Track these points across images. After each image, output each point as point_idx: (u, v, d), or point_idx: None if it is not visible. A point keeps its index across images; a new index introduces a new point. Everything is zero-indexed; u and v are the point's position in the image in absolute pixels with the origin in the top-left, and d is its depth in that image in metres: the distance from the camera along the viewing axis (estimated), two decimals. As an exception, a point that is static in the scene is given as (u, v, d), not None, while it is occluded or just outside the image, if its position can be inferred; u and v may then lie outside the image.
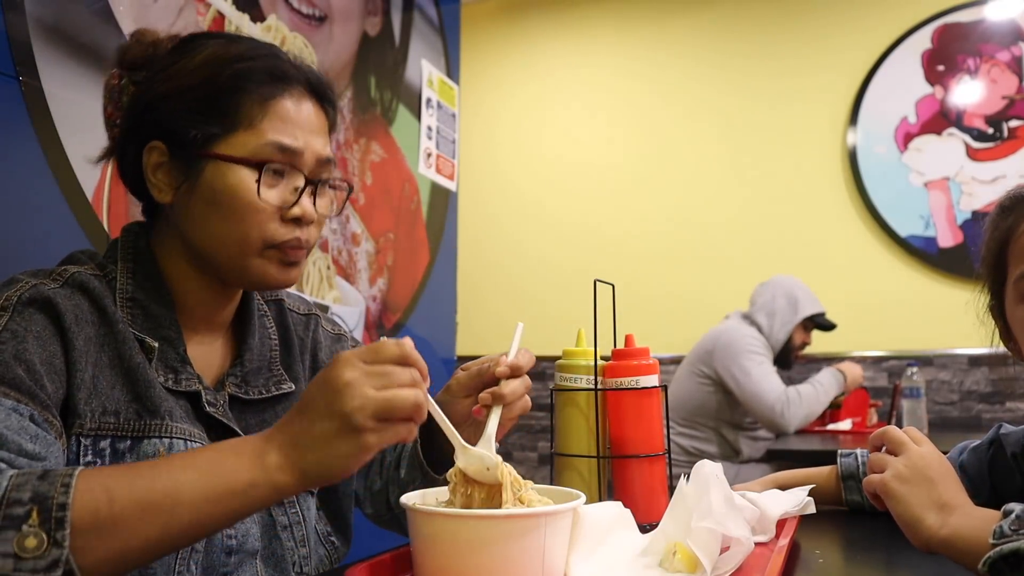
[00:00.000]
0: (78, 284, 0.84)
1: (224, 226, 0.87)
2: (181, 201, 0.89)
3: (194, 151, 0.87)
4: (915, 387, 2.91)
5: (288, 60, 0.92)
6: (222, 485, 0.67)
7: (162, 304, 0.89)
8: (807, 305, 2.97)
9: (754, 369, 2.82)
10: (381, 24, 2.25)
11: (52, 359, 0.78)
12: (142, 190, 0.92)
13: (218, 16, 1.68)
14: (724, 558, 0.76)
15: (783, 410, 2.74)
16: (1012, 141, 3.53)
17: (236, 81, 0.87)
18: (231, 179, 0.86)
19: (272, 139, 0.86)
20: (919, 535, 0.72)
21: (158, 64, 0.91)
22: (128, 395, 0.83)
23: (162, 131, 0.88)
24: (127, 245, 0.92)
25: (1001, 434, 1.05)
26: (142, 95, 0.90)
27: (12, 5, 1.22)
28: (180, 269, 0.92)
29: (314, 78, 0.93)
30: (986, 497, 1.03)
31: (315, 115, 0.92)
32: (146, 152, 0.89)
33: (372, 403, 0.67)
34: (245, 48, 0.90)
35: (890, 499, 0.76)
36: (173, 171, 0.89)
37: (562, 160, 4.24)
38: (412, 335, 2.31)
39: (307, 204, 0.89)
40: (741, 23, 3.98)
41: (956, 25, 3.64)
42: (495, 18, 4.39)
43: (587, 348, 1.02)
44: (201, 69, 0.88)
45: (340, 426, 0.67)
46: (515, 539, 0.70)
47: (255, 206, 0.86)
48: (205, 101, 0.87)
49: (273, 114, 0.87)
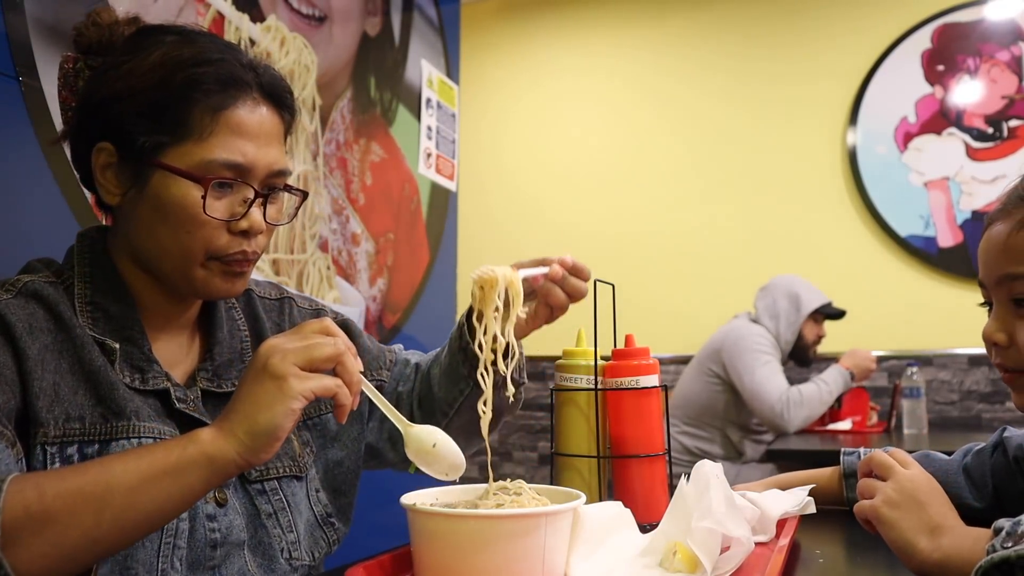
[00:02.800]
0: (31, 293, 0.84)
1: (169, 236, 0.86)
2: (128, 205, 0.88)
3: (142, 158, 0.85)
4: (915, 387, 2.91)
5: (243, 63, 0.89)
6: (155, 465, 0.69)
7: (123, 305, 0.88)
8: (809, 300, 2.95)
9: (759, 368, 2.82)
10: (381, 24, 2.25)
11: (2, 369, 0.77)
12: (92, 184, 0.91)
13: (218, 16, 1.67)
14: (724, 558, 0.76)
15: (783, 410, 2.73)
16: (1012, 141, 3.53)
17: (187, 89, 0.85)
18: (177, 191, 0.84)
19: (221, 156, 0.84)
20: (912, 560, 0.72)
21: (113, 53, 0.89)
22: (92, 399, 0.82)
23: (111, 133, 0.87)
24: (83, 250, 0.91)
25: (1005, 437, 1.05)
26: (93, 89, 0.88)
27: (12, 5, 1.22)
28: (136, 272, 0.91)
29: (269, 83, 0.90)
30: (989, 501, 1.03)
31: (269, 123, 0.89)
32: (95, 152, 0.88)
33: (292, 353, 0.72)
34: (199, 50, 0.87)
35: (881, 525, 0.76)
36: (121, 175, 0.87)
37: (562, 160, 4.24)
38: (412, 335, 2.31)
39: (256, 216, 0.88)
40: (741, 24, 3.98)
41: (956, 25, 3.64)
42: (495, 18, 4.39)
43: (587, 348, 1.02)
44: (153, 72, 0.85)
45: (263, 381, 0.71)
46: (515, 539, 0.70)
47: (200, 220, 0.85)
48: (155, 107, 0.85)
49: (224, 126, 0.85)
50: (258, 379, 0.72)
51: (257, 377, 0.72)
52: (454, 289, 2.64)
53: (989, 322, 0.87)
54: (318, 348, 0.73)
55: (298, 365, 0.72)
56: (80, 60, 0.91)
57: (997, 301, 0.86)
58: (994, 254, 0.85)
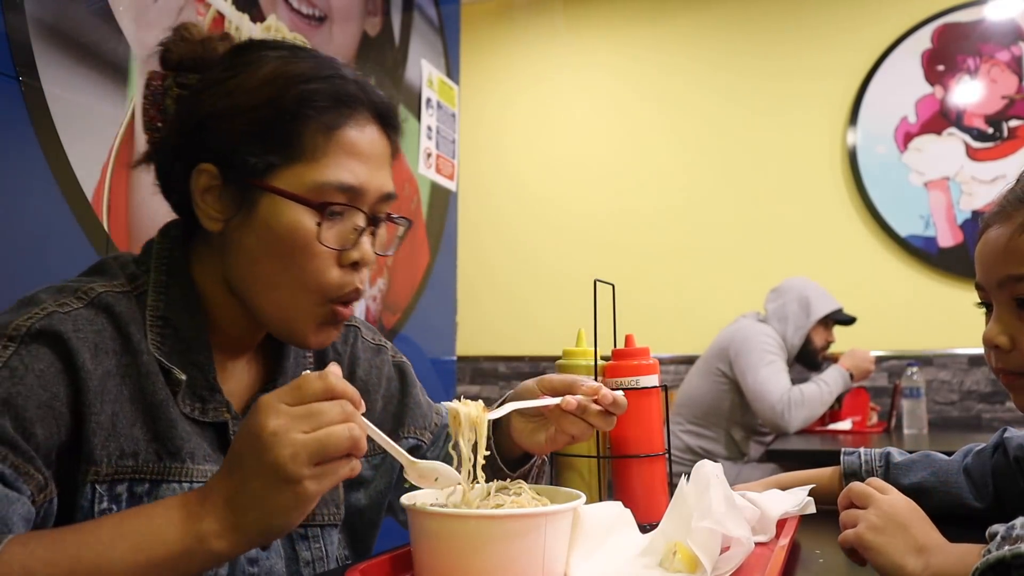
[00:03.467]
0: (103, 305, 0.78)
1: (278, 268, 0.80)
2: (232, 233, 0.82)
3: (250, 180, 0.80)
4: (915, 387, 2.91)
5: (353, 79, 0.84)
6: (154, 557, 0.63)
7: (194, 324, 0.83)
8: (819, 306, 2.95)
9: (763, 368, 2.82)
10: (381, 24, 2.25)
11: (52, 401, 0.72)
12: (186, 208, 0.85)
13: (218, 16, 1.68)
14: (724, 558, 0.76)
15: (784, 410, 2.73)
16: (1012, 141, 3.53)
17: (300, 106, 0.79)
18: (289, 217, 0.79)
19: (336, 178, 0.79)
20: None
21: (210, 70, 0.84)
22: (148, 433, 0.78)
23: (215, 154, 0.81)
24: (163, 253, 0.85)
25: (1005, 437, 1.05)
26: (193, 107, 0.83)
27: (12, 5, 1.22)
28: (217, 292, 0.85)
29: (379, 102, 0.86)
30: (989, 501, 1.04)
31: (380, 143, 0.85)
32: (195, 174, 0.82)
33: (304, 449, 0.62)
34: (309, 66, 0.82)
35: (868, 551, 0.76)
36: (224, 198, 0.81)
37: (562, 160, 4.24)
38: (412, 336, 2.31)
39: (367, 247, 0.82)
40: (741, 24, 3.98)
41: (956, 25, 3.64)
42: (495, 18, 4.39)
43: (587, 348, 1.02)
44: (263, 88, 0.80)
45: (274, 479, 0.62)
46: (515, 539, 0.70)
47: (313, 250, 0.79)
48: (265, 125, 0.79)
49: (337, 146, 0.80)
50: (270, 483, 0.63)
51: (268, 480, 0.63)
52: (454, 290, 2.64)
53: (990, 325, 0.86)
54: (335, 439, 0.64)
55: (312, 463, 0.63)
56: (169, 77, 0.86)
57: (998, 303, 0.85)
58: (995, 256, 0.84)
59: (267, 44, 0.86)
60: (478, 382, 4.19)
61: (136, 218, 1.46)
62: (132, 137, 1.46)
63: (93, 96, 1.38)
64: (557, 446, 0.92)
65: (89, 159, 1.36)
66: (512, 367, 4.15)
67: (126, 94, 1.45)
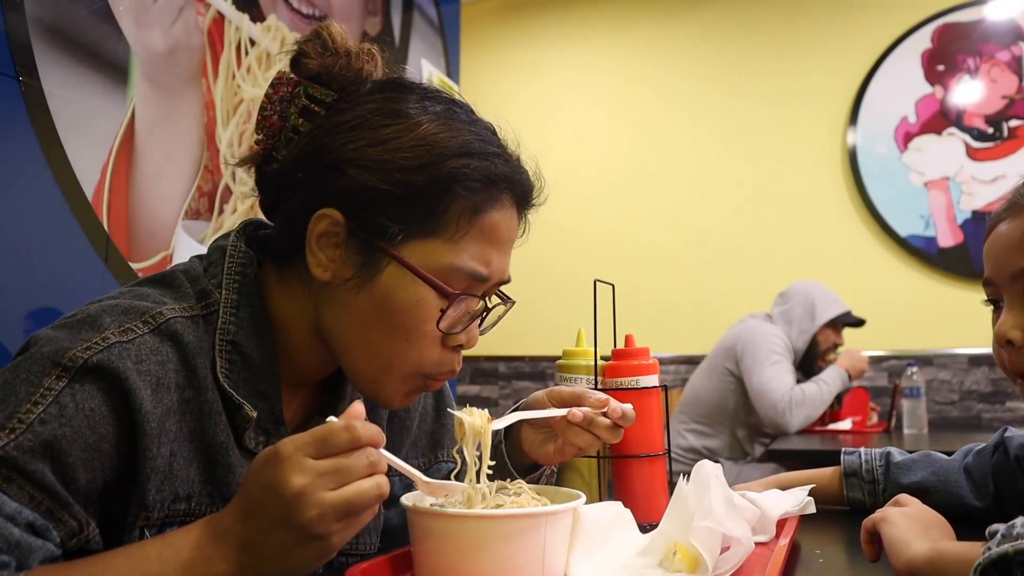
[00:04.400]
0: (171, 334, 0.73)
1: (385, 339, 0.76)
2: (340, 285, 0.77)
3: (380, 242, 0.75)
4: (915, 387, 2.91)
5: (507, 158, 0.81)
6: None
7: (264, 352, 0.78)
8: (826, 310, 2.96)
9: (769, 367, 2.82)
10: (381, 24, 2.25)
11: (99, 443, 0.68)
12: (289, 237, 0.79)
13: (218, 16, 1.68)
14: (724, 558, 0.76)
15: (785, 409, 2.73)
16: (1012, 141, 3.53)
17: (453, 181, 0.75)
18: (414, 294, 0.75)
19: (468, 265, 0.77)
20: (902, 555, 0.72)
21: (349, 91, 0.79)
22: (204, 475, 0.75)
23: (346, 202, 0.76)
24: (235, 265, 0.80)
25: (1006, 437, 1.05)
26: (332, 145, 0.77)
27: (12, 5, 1.22)
28: (299, 328, 0.81)
29: (527, 186, 0.82)
30: (989, 501, 1.04)
31: (515, 229, 0.82)
32: (317, 217, 0.76)
33: (332, 509, 0.60)
34: (470, 138, 0.78)
35: (886, 523, 0.77)
36: (345, 253, 0.77)
37: (562, 160, 4.24)
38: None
39: (475, 332, 0.81)
40: (741, 24, 3.98)
41: (956, 25, 3.64)
42: (495, 18, 4.39)
43: (587, 348, 1.02)
44: (418, 151, 0.75)
45: (299, 537, 0.60)
46: (515, 539, 0.70)
47: (426, 330, 0.76)
48: (412, 191, 0.75)
49: (479, 230, 0.77)
50: (294, 539, 0.61)
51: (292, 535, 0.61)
52: (454, 289, 2.64)
53: (1003, 320, 0.85)
54: (362, 496, 0.61)
55: (338, 520, 0.61)
56: (300, 86, 0.80)
57: (1011, 297, 0.85)
58: (1009, 249, 0.84)
59: (426, 93, 0.81)
60: (478, 382, 4.19)
61: (136, 218, 1.46)
62: (132, 137, 1.47)
63: (93, 96, 1.38)
64: (565, 457, 0.92)
65: (89, 159, 1.36)
66: (512, 367, 4.15)
67: (126, 94, 1.45)
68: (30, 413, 0.65)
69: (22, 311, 1.24)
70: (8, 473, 0.63)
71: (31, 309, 1.26)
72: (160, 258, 1.53)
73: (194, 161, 1.64)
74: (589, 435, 0.87)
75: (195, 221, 1.61)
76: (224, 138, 1.74)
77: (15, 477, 0.63)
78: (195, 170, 1.63)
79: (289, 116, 0.80)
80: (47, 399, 0.66)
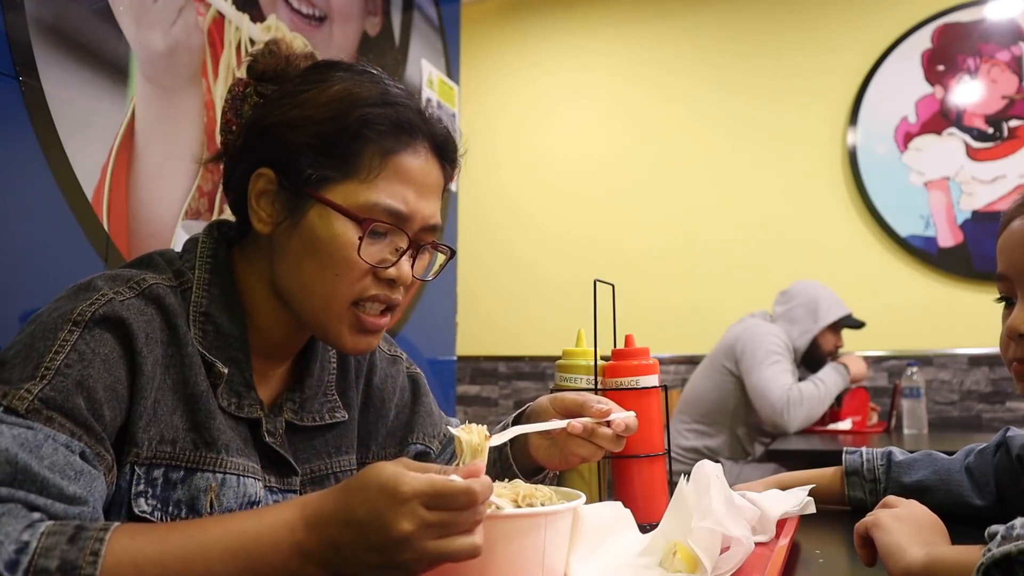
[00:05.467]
0: (154, 297, 0.82)
1: (315, 274, 0.84)
2: (279, 236, 0.86)
3: (304, 189, 0.84)
4: (915, 387, 2.91)
5: (417, 110, 0.88)
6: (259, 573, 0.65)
7: (234, 323, 0.87)
8: (828, 312, 2.95)
9: (768, 367, 2.82)
10: (381, 24, 2.25)
11: (115, 385, 0.75)
12: (242, 209, 0.89)
13: (218, 16, 1.68)
14: (724, 558, 0.76)
15: (784, 409, 2.73)
16: (1012, 141, 3.53)
17: (362, 127, 0.84)
18: (334, 228, 0.83)
19: (384, 201, 0.84)
20: (899, 562, 0.72)
21: (288, 82, 0.89)
22: (187, 423, 0.81)
23: (275, 160, 0.86)
24: (206, 251, 0.89)
25: (1008, 436, 1.05)
26: (264, 115, 0.88)
27: (12, 5, 1.22)
28: (261, 295, 0.89)
29: (439, 133, 0.90)
30: (991, 500, 1.04)
31: (433, 174, 0.89)
32: (254, 177, 0.86)
33: (428, 557, 0.64)
34: (378, 91, 0.87)
35: (878, 528, 0.77)
36: (277, 203, 0.86)
37: (562, 160, 4.24)
38: (411, 337, 2.31)
39: (405, 267, 0.86)
40: (741, 24, 3.98)
41: (956, 25, 3.64)
42: (495, 18, 4.39)
43: (587, 348, 1.02)
44: (330, 105, 0.85)
45: (388, 565, 0.64)
46: (515, 539, 0.70)
47: (350, 261, 0.83)
48: (327, 140, 0.84)
49: (391, 171, 0.84)
50: (385, 567, 0.64)
51: (382, 563, 0.64)
52: (453, 291, 2.64)
53: (1016, 314, 0.86)
54: (459, 551, 0.64)
55: (431, 565, 0.65)
56: (251, 85, 0.91)
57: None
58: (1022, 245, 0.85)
59: (341, 65, 0.90)
60: (478, 382, 4.19)
61: (136, 218, 1.46)
62: (132, 137, 1.47)
63: (93, 96, 1.38)
64: (569, 465, 0.95)
65: (89, 159, 1.36)
66: (512, 367, 4.15)
67: (126, 94, 1.45)
68: (54, 361, 0.72)
69: (22, 311, 1.24)
70: (50, 413, 0.70)
71: (31, 309, 1.26)
72: (160, 258, 1.52)
73: (194, 161, 1.64)
74: (591, 445, 0.90)
75: (195, 221, 1.61)
76: (224, 138, 1.73)
77: (56, 416, 0.70)
78: (195, 170, 1.63)
79: (243, 113, 0.91)
80: (66, 348, 0.73)
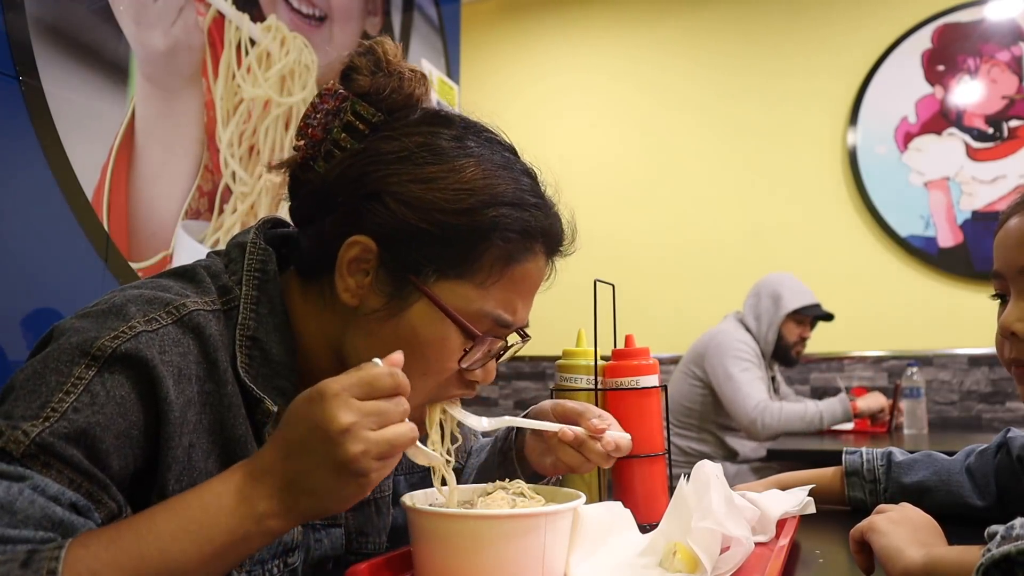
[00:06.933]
0: (193, 326, 0.74)
1: (404, 370, 0.74)
2: (367, 315, 0.78)
3: (411, 277, 0.76)
4: (915, 387, 2.90)
5: (543, 208, 0.83)
6: (218, 547, 0.63)
7: (283, 348, 0.79)
8: (790, 300, 2.93)
9: (737, 375, 2.82)
10: (381, 24, 2.25)
11: (130, 431, 0.69)
12: (318, 253, 0.80)
13: (218, 16, 1.68)
14: (724, 558, 0.76)
15: (756, 419, 2.72)
16: (1012, 141, 3.53)
17: (491, 230, 0.77)
18: (441, 332, 0.76)
19: (496, 312, 0.78)
20: (897, 565, 0.71)
21: (402, 128, 0.79)
22: (221, 468, 0.74)
23: (381, 233, 0.76)
24: (255, 263, 0.81)
25: (1008, 437, 1.05)
26: (375, 175, 0.77)
27: (12, 5, 1.22)
28: (318, 344, 0.82)
29: (558, 237, 0.85)
30: (991, 500, 1.04)
31: (542, 276, 0.85)
32: (350, 243, 0.77)
33: (375, 447, 0.63)
34: (513, 187, 0.80)
35: (874, 533, 0.76)
36: (375, 282, 0.77)
37: (562, 160, 4.22)
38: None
39: (492, 369, 0.83)
40: (741, 24, 3.98)
41: (956, 25, 3.64)
42: (495, 18, 4.39)
43: (587, 348, 1.02)
44: (463, 196, 0.76)
45: (341, 472, 0.63)
46: (515, 539, 0.70)
47: (447, 368, 0.78)
48: (451, 234, 0.76)
49: (508, 279, 0.79)
50: (336, 475, 0.63)
51: (335, 472, 0.63)
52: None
53: (1008, 311, 0.86)
54: (401, 440, 0.64)
55: (379, 459, 0.64)
56: (349, 102, 0.80)
57: (1018, 290, 0.86)
58: (1018, 244, 0.85)
59: (470, 128, 0.84)
60: (478, 382, 4.19)
61: (136, 218, 1.46)
62: (132, 137, 1.47)
63: (93, 96, 1.38)
64: (556, 472, 0.94)
65: (89, 159, 1.36)
66: (512, 367, 4.15)
67: (126, 94, 1.45)
68: (63, 402, 0.66)
69: (22, 311, 1.24)
70: (47, 459, 0.64)
71: (31, 309, 1.26)
72: (160, 258, 1.53)
73: (194, 161, 1.64)
74: (579, 456, 0.89)
75: (195, 221, 1.61)
76: (224, 138, 1.74)
77: (53, 463, 0.64)
78: (195, 170, 1.63)
79: (332, 129, 0.80)
80: (78, 388, 0.67)
